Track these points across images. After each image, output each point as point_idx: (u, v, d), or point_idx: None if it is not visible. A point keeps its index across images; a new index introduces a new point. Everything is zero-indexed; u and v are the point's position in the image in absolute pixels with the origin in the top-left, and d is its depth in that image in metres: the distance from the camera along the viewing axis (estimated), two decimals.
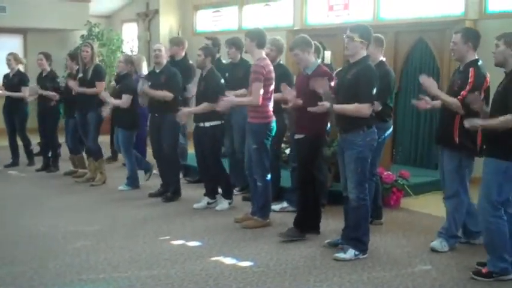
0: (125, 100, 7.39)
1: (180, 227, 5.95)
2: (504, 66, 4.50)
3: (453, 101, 4.90)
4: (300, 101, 5.38)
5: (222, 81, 6.52)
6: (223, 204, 6.61)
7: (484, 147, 4.68)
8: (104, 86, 7.90)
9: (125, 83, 7.49)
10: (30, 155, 9.29)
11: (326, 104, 4.90)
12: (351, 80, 4.87)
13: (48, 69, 8.77)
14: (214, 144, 6.52)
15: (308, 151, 5.45)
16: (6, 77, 9.15)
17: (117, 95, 7.46)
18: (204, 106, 6.38)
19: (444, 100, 4.99)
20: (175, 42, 8.02)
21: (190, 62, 7.90)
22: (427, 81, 5.02)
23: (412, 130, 8.74)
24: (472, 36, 5.02)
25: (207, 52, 6.52)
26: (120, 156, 9.02)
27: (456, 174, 5.11)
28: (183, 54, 7.92)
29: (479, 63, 4.98)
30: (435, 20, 8.43)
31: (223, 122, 6.52)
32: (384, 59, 5.95)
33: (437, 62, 8.34)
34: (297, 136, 5.53)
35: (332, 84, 5.26)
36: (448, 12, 8.41)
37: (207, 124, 6.44)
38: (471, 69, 4.92)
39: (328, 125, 6.35)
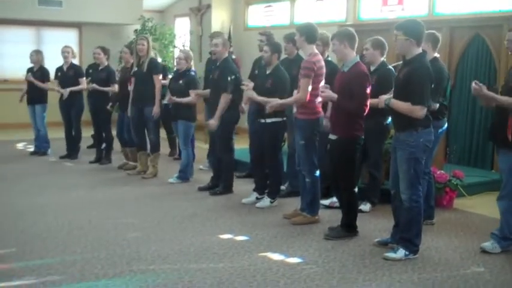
0: (194, 96, 7.51)
1: (229, 221, 5.97)
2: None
3: (505, 99, 4.81)
4: (334, 95, 5.29)
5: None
6: (264, 201, 6.55)
7: None
8: (161, 78, 7.96)
9: (190, 79, 7.55)
10: (76, 149, 9.43)
11: (384, 96, 4.82)
12: (403, 79, 4.74)
13: (106, 63, 8.91)
14: (274, 141, 6.44)
15: (341, 153, 5.33)
16: (59, 70, 9.34)
17: (181, 91, 7.52)
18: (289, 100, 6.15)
19: (498, 99, 4.87)
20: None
21: (234, 57, 7.86)
22: (476, 89, 4.90)
23: (466, 129, 8.53)
24: None
25: (274, 48, 6.41)
26: (164, 150, 9.12)
27: (510, 175, 4.97)
28: None
29: None
30: (492, 15, 8.19)
31: (284, 118, 6.37)
32: (438, 56, 5.81)
33: (494, 59, 8.11)
34: (331, 137, 5.41)
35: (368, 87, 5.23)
36: (506, 7, 8.16)
37: (268, 120, 6.33)
38: None
39: (389, 119, 6.25)
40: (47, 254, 4.88)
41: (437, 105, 5.55)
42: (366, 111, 5.23)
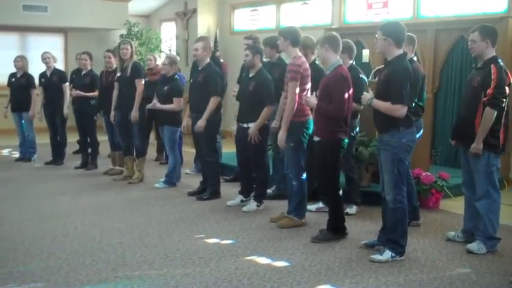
0: (177, 104, 7.48)
1: (215, 225, 5.95)
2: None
3: None
4: (314, 101, 5.34)
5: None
6: (251, 205, 6.54)
7: None
8: (143, 82, 7.91)
9: (174, 85, 7.51)
10: (62, 155, 9.39)
11: (368, 95, 4.85)
12: (384, 80, 4.79)
13: (89, 68, 8.89)
14: (258, 145, 6.41)
15: (324, 155, 5.35)
16: (43, 76, 9.29)
17: (165, 97, 7.49)
18: (265, 112, 6.28)
19: None
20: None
21: (221, 61, 7.85)
22: None
23: (451, 130, 8.54)
24: (490, 33, 5.00)
25: (254, 50, 6.43)
26: (150, 155, 9.06)
27: (484, 173, 5.01)
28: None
29: (499, 59, 4.97)
30: (477, 18, 8.22)
31: (267, 122, 6.37)
32: (415, 58, 5.88)
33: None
34: (315, 138, 5.45)
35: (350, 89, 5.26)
36: (490, 9, 8.22)
37: (251, 125, 6.34)
38: (492, 66, 4.91)
39: (357, 129, 6.27)
40: (31, 260, 4.83)
41: (413, 104, 5.62)
42: (346, 114, 5.25)
